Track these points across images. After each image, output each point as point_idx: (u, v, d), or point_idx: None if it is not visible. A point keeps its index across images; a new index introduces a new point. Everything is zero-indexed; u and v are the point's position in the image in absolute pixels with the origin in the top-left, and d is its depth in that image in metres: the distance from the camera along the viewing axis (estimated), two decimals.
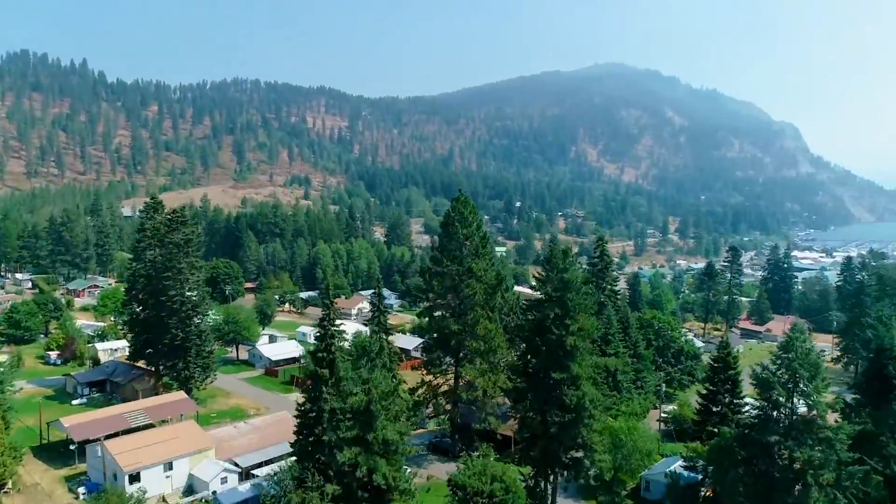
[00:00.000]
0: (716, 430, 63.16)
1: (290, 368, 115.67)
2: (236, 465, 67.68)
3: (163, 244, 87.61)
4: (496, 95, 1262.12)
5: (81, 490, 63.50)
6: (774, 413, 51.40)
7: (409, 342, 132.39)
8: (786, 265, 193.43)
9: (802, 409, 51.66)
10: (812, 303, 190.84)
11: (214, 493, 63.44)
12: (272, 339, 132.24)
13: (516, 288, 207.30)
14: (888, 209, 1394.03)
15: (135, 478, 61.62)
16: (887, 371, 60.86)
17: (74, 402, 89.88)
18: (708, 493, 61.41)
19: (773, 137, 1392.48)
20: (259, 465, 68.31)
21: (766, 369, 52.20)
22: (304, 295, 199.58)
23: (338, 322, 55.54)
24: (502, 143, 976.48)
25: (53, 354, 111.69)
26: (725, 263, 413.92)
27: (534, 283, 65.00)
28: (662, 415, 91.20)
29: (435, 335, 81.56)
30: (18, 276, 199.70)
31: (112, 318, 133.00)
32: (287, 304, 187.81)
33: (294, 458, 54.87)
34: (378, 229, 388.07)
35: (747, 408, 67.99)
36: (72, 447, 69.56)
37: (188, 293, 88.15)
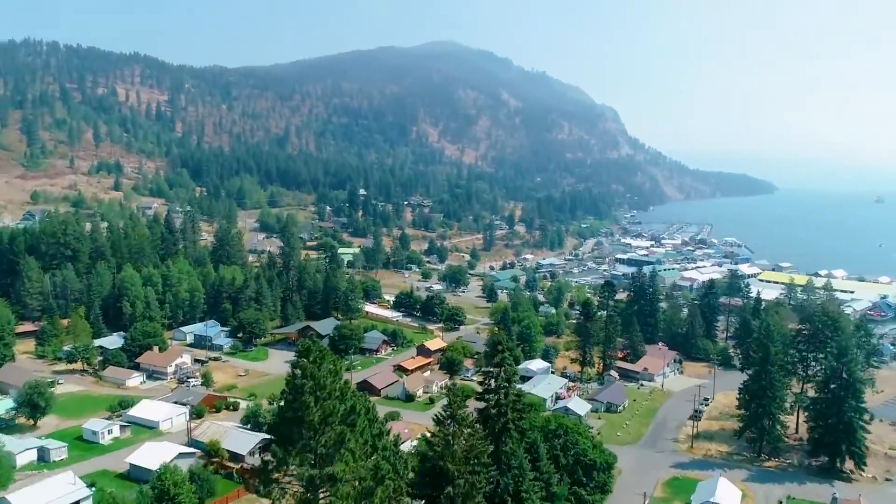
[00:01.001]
0: None
1: None
2: None
3: None
4: (333, 69, 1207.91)
5: None
6: None
7: (242, 442, 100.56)
8: (651, 288, 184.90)
9: None
10: (677, 326, 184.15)
11: None
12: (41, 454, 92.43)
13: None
14: (693, 188, 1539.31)
15: None
16: None
17: None
18: None
19: (597, 120, 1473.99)
20: None
21: None
22: (104, 342, 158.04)
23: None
24: (342, 122, 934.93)
25: None
26: (570, 258, 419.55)
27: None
28: None
29: None
30: None
31: None
32: (80, 361, 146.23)
33: None
34: (206, 229, 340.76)
35: None
36: None
37: None
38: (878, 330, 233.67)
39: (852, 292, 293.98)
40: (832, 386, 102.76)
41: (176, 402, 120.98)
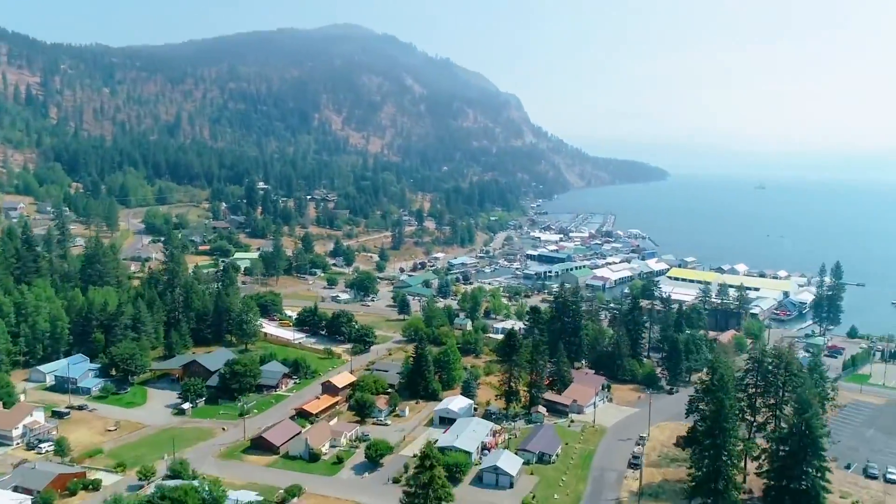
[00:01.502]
0: None
1: None
2: None
3: None
4: (229, 52, 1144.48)
5: None
6: None
7: None
8: (573, 305, 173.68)
9: None
10: (602, 346, 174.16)
11: None
12: None
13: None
14: (594, 175, 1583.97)
15: None
16: None
17: None
18: None
19: (501, 108, 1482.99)
20: None
21: None
22: None
23: None
24: (239, 109, 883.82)
25: None
26: (481, 255, 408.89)
27: None
28: None
29: None
30: None
31: None
32: None
33: None
34: (83, 232, 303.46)
35: None
36: None
37: None
38: (786, 331, 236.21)
39: (757, 289, 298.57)
40: (789, 442, 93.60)
41: (15, 489, 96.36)
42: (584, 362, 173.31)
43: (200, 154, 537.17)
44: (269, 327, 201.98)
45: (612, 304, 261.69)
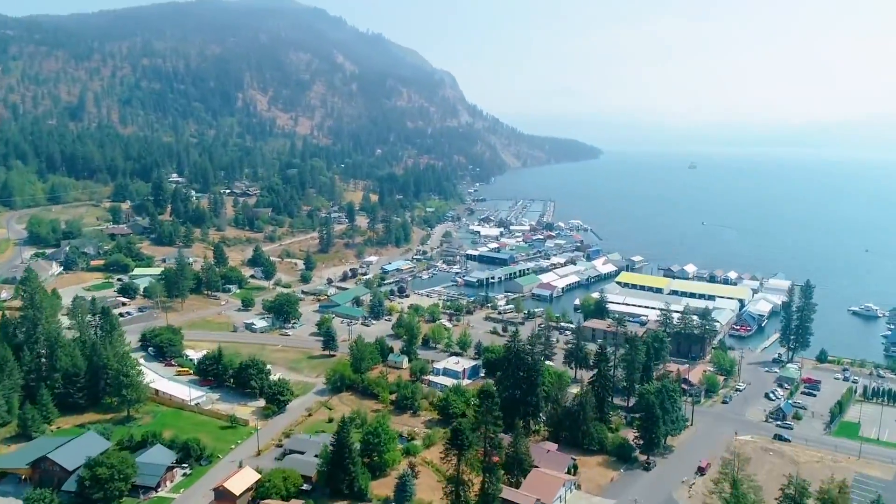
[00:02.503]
0: None
1: None
2: None
3: None
4: (143, 24, 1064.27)
5: None
6: None
7: None
8: (528, 357, 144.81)
9: None
10: (562, 401, 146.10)
11: None
12: None
13: None
14: (530, 155, 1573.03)
15: None
16: None
17: None
18: None
19: (436, 86, 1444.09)
20: None
21: None
22: None
23: None
24: (153, 88, 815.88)
25: None
26: (418, 257, 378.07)
27: None
28: None
29: None
30: None
31: None
32: None
33: None
34: None
35: None
36: None
37: None
38: (749, 351, 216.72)
39: (713, 299, 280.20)
40: None
41: None
42: (541, 424, 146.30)
43: (103, 144, 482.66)
44: (161, 383, 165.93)
45: (564, 327, 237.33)
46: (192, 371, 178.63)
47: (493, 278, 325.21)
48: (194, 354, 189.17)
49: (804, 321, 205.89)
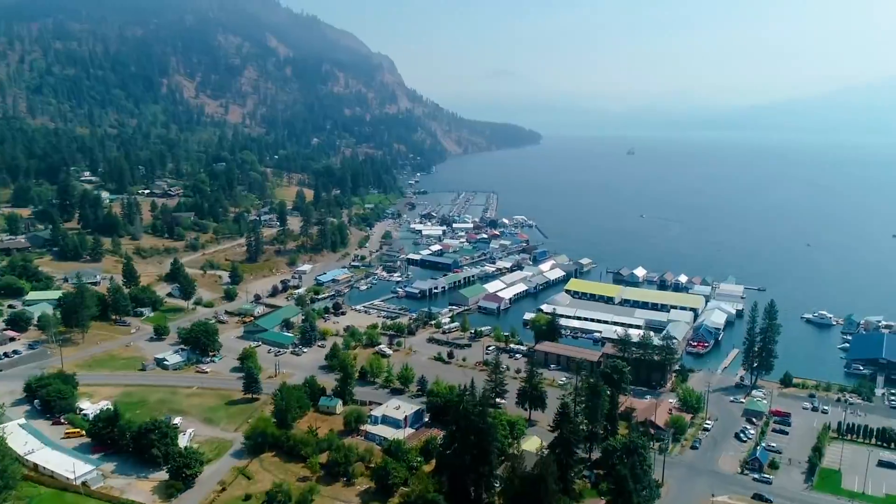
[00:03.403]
0: None
1: None
2: None
3: None
4: (55, 4, 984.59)
5: None
6: None
7: None
8: (477, 418, 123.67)
9: None
10: (519, 467, 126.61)
11: None
12: None
13: None
14: (470, 141, 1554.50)
15: None
16: None
17: None
18: None
19: (374, 71, 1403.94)
20: None
21: None
22: None
23: None
24: (67, 75, 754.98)
25: None
26: (356, 264, 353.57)
27: None
28: None
29: None
30: None
31: None
32: None
33: None
34: None
35: None
36: None
37: None
38: (709, 374, 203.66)
39: (668, 311, 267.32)
40: None
41: None
42: (495, 497, 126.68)
43: (3, 139, 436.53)
44: (42, 454, 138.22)
45: (515, 349, 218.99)
46: (84, 432, 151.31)
47: (436, 288, 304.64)
48: (90, 408, 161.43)
49: (768, 343, 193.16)
